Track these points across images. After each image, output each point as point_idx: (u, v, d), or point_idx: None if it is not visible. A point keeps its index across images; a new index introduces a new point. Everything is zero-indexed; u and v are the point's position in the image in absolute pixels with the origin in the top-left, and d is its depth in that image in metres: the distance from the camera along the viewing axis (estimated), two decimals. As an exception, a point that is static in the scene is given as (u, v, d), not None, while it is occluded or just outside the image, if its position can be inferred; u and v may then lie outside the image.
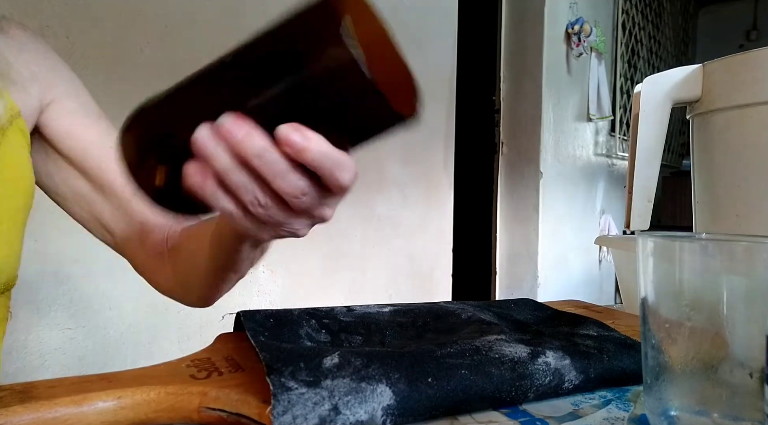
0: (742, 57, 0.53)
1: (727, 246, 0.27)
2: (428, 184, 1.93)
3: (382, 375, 0.30)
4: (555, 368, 0.34)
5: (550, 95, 2.34)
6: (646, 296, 0.29)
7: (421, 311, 0.47)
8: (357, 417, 0.28)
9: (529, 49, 2.34)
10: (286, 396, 0.27)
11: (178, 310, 1.30)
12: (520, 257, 2.40)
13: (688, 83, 0.57)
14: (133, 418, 0.30)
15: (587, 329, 0.43)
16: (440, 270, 1.99)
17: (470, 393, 0.31)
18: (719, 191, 0.56)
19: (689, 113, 0.61)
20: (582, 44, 2.40)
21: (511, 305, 0.52)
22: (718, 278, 0.27)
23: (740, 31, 3.80)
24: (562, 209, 2.47)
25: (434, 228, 1.97)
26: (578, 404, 0.34)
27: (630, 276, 0.79)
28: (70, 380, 0.32)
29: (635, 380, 0.37)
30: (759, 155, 0.51)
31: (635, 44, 2.99)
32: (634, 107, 0.60)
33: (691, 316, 0.27)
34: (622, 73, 2.83)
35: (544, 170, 2.34)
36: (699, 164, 0.60)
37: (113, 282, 1.20)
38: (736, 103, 0.53)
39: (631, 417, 0.32)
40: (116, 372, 0.33)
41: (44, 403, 0.28)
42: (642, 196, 0.60)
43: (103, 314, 1.20)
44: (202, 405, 0.31)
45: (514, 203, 2.42)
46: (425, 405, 0.30)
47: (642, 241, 0.29)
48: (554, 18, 2.34)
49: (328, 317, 0.43)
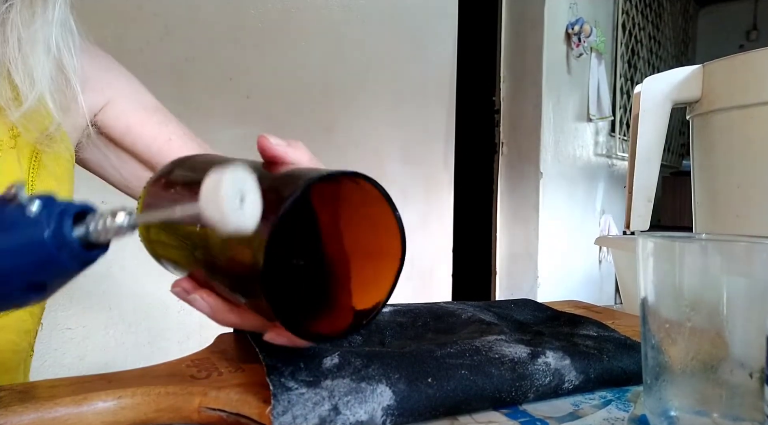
0: (742, 57, 0.52)
1: (727, 246, 0.27)
2: (428, 184, 1.93)
3: (382, 375, 0.30)
4: (555, 368, 0.34)
5: (550, 95, 2.34)
6: (646, 296, 0.29)
7: (421, 311, 0.47)
8: (357, 417, 0.28)
9: (529, 49, 2.34)
10: (286, 396, 0.27)
11: (178, 310, 1.30)
12: (520, 257, 2.40)
13: (688, 83, 0.57)
14: (133, 418, 0.30)
15: (587, 329, 0.43)
16: (440, 270, 1.99)
17: (470, 393, 0.31)
18: (719, 191, 0.56)
19: (689, 113, 0.61)
20: (582, 44, 2.40)
21: (511, 306, 0.52)
22: (718, 279, 0.27)
23: (740, 31, 3.80)
24: (562, 209, 2.46)
25: (434, 228, 1.97)
26: (578, 404, 0.34)
27: (630, 277, 0.79)
28: (70, 380, 0.32)
29: (635, 380, 0.37)
30: (759, 155, 0.51)
31: (635, 44, 2.99)
32: (634, 107, 0.60)
33: (691, 316, 0.27)
34: (622, 73, 2.83)
35: (544, 170, 2.34)
36: (699, 164, 0.60)
37: (113, 282, 1.20)
38: (736, 104, 0.53)
39: (631, 417, 0.32)
40: (116, 372, 0.33)
41: (44, 403, 0.28)
42: (642, 196, 0.60)
43: (103, 314, 1.20)
44: (202, 405, 0.31)
45: (514, 203, 2.42)
46: (425, 405, 0.30)
47: (642, 241, 0.29)
48: (554, 18, 2.34)
49: (328, 318, 0.43)
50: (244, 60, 1.41)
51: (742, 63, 0.53)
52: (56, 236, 0.21)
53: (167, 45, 1.27)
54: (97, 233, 0.22)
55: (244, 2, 1.40)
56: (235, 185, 0.19)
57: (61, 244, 0.22)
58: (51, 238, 0.21)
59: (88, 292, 1.18)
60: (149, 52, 1.25)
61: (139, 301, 1.24)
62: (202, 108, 1.34)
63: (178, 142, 0.53)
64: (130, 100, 0.53)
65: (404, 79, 1.80)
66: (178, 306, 1.30)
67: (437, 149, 1.97)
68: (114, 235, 0.22)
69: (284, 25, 1.48)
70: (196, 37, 1.32)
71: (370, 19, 1.70)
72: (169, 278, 0.32)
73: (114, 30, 1.19)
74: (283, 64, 1.48)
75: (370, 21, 1.70)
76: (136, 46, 1.23)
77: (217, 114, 1.36)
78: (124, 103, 0.52)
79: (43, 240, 0.21)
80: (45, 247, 0.21)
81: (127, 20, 1.21)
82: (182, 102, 1.30)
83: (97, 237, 0.22)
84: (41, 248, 0.21)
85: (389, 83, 1.77)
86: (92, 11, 1.15)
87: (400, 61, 1.79)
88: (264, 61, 1.44)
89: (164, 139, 0.52)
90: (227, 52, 1.38)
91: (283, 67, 1.49)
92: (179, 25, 1.29)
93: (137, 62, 1.22)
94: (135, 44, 1.23)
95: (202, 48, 1.33)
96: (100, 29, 1.17)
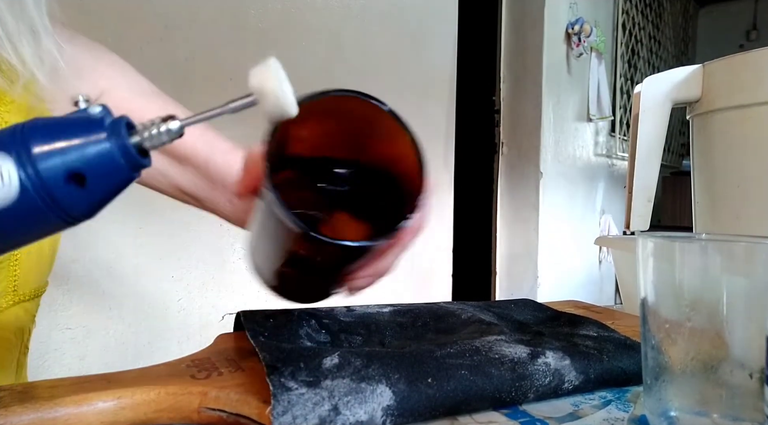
0: (742, 57, 0.52)
1: (727, 246, 0.27)
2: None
3: (381, 376, 0.30)
4: (555, 368, 0.34)
5: (550, 95, 2.34)
6: (646, 296, 0.29)
7: (421, 311, 0.47)
8: (357, 417, 0.28)
9: (529, 49, 2.34)
10: (286, 396, 0.27)
11: (178, 310, 1.30)
12: (520, 257, 2.40)
13: (688, 83, 0.57)
14: (133, 418, 0.30)
15: (587, 329, 0.43)
16: (440, 270, 1.99)
17: (470, 393, 0.31)
18: (719, 191, 0.56)
19: (689, 113, 0.61)
20: (582, 44, 2.40)
21: (511, 306, 0.52)
22: (718, 279, 0.27)
23: (740, 31, 3.79)
24: (562, 209, 2.46)
25: (434, 228, 1.97)
26: (578, 404, 0.34)
27: (630, 277, 0.79)
28: (70, 380, 0.32)
29: (635, 380, 0.37)
30: (759, 155, 0.51)
31: (635, 44, 2.99)
32: (634, 107, 0.60)
33: (691, 316, 0.27)
34: (622, 73, 2.83)
35: (544, 170, 2.34)
36: (699, 164, 0.60)
37: (113, 282, 1.20)
38: (736, 104, 0.53)
39: (631, 417, 0.32)
40: (116, 372, 0.33)
41: (44, 403, 0.28)
42: (642, 196, 0.60)
43: (103, 314, 1.20)
44: (202, 405, 0.31)
45: (514, 203, 2.42)
46: (425, 405, 0.30)
47: (642, 241, 0.29)
48: (554, 18, 2.34)
49: (328, 318, 0.43)
50: (244, 60, 1.41)
51: (741, 63, 0.53)
52: (116, 140, 0.23)
53: (167, 45, 1.27)
54: (150, 138, 0.24)
55: (244, 2, 1.40)
56: (279, 72, 0.25)
57: (122, 149, 0.23)
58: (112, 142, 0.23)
59: (88, 292, 1.18)
60: (149, 52, 1.25)
61: (139, 301, 1.24)
62: (202, 108, 1.33)
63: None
64: (127, 88, 0.51)
65: (404, 79, 1.80)
66: (178, 306, 1.30)
67: (437, 149, 1.96)
68: (165, 139, 0.25)
69: (284, 25, 1.47)
70: (196, 37, 1.32)
71: (370, 19, 1.70)
72: (168, 278, 0.32)
73: (114, 30, 1.19)
74: (283, 64, 1.48)
75: (370, 21, 1.70)
76: (136, 46, 1.23)
77: (217, 114, 1.36)
78: (121, 91, 0.51)
79: (105, 142, 0.23)
80: (107, 148, 0.23)
81: (127, 20, 1.21)
82: (182, 102, 1.29)
83: (151, 143, 0.24)
84: (104, 149, 0.23)
85: (389, 83, 1.77)
86: (92, 11, 1.15)
87: (400, 61, 1.79)
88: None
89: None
90: (227, 52, 1.38)
91: (283, 67, 1.48)
92: (179, 25, 1.29)
93: (137, 62, 1.22)
94: (135, 44, 1.23)
95: (202, 48, 1.33)
96: (100, 29, 1.17)
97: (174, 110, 0.52)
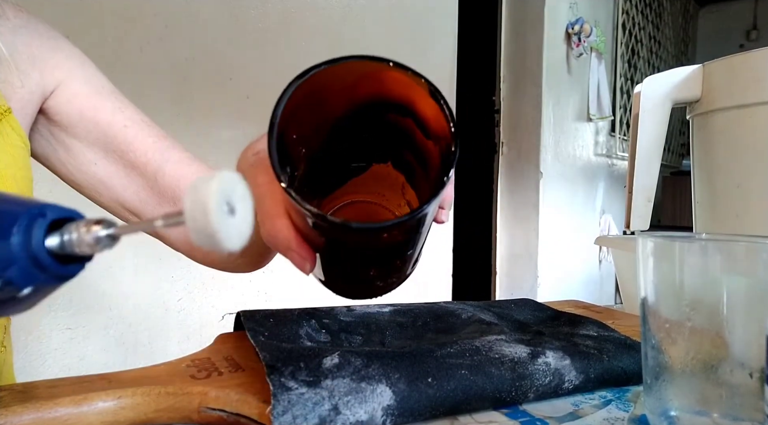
0: (742, 57, 0.53)
1: (727, 246, 0.27)
2: (428, 184, 1.93)
3: (382, 375, 0.30)
4: (555, 368, 0.34)
5: (550, 95, 2.34)
6: (646, 296, 0.29)
7: (421, 311, 0.47)
8: (357, 417, 0.28)
9: (529, 49, 2.34)
10: (286, 396, 0.27)
11: (179, 310, 1.30)
12: (520, 257, 2.40)
13: (688, 83, 0.57)
14: (133, 418, 0.30)
15: (587, 329, 0.43)
16: (440, 270, 1.99)
17: (470, 393, 0.31)
18: (719, 191, 0.56)
19: (689, 113, 0.61)
20: (582, 44, 2.40)
21: (511, 306, 0.52)
22: (718, 278, 0.27)
23: (740, 31, 3.80)
24: (562, 209, 2.46)
25: (434, 228, 1.96)
26: (578, 404, 0.34)
27: (630, 276, 0.79)
28: (70, 380, 0.32)
29: (635, 380, 0.37)
30: (759, 155, 0.51)
31: (635, 44, 2.99)
32: (634, 107, 0.60)
33: (691, 316, 0.27)
34: (622, 73, 2.83)
35: (544, 170, 2.34)
36: (699, 164, 0.60)
37: (113, 282, 1.20)
38: (736, 104, 0.53)
39: (631, 417, 0.32)
40: (116, 372, 0.33)
41: (44, 403, 0.28)
42: (642, 196, 0.60)
43: (103, 314, 1.20)
44: (202, 405, 0.31)
45: (514, 203, 2.42)
46: (425, 405, 0.30)
47: (642, 241, 0.29)
48: (554, 18, 2.34)
49: (328, 317, 0.43)
50: (244, 60, 1.41)
51: (742, 63, 0.53)
52: (24, 242, 0.18)
53: (167, 45, 1.27)
54: (71, 244, 0.19)
55: (244, 2, 1.40)
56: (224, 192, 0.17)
57: (29, 252, 0.19)
58: (19, 243, 0.18)
59: (88, 292, 1.18)
60: (149, 52, 1.25)
61: (139, 301, 1.24)
62: (202, 108, 1.34)
63: (134, 129, 0.49)
64: (84, 82, 0.49)
65: (404, 79, 1.80)
66: (178, 306, 1.30)
67: (437, 149, 1.96)
68: (92, 248, 0.19)
69: (284, 25, 1.48)
70: (196, 37, 1.32)
71: (370, 19, 1.70)
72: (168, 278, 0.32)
73: (114, 30, 1.19)
74: (283, 64, 1.48)
75: (370, 21, 1.70)
76: (136, 46, 1.23)
77: (217, 114, 1.36)
78: (77, 85, 0.48)
79: (9, 244, 0.18)
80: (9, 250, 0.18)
81: (127, 20, 1.21)
82: (182, 102, 1.30)
83: (72, 249, 0.19)
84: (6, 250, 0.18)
85: (389, 83, 1.77)
86: (92, 11, 1.15)
87: (400, 61, 1.79)
88: (264, 61, 1.44)
89: (120, 125, 0.48)
90: (227, 52, 1.38)
91: (283, 67, 1.49)
92: (179, 25, 1.29)
93: (137, 62, 1.23)
94: (135, 44, 1.23)
95: (202, 48, 1.33)
96: (100, 29, 1.17)
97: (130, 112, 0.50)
